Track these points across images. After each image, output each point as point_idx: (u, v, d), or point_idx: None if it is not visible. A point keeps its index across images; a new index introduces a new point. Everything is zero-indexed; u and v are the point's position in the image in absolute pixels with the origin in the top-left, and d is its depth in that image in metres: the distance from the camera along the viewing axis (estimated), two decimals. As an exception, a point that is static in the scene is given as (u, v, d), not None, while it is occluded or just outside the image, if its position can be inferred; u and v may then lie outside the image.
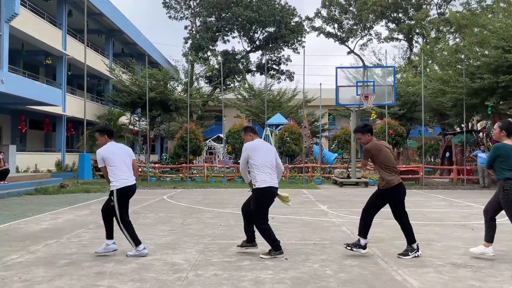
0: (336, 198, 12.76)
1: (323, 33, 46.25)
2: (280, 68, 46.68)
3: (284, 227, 7.63)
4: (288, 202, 6.05)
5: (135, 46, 34.39)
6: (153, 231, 7.20)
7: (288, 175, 19.21)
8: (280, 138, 20.58)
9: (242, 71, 41.87)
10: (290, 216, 9.01)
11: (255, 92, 34.38)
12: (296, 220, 8.49)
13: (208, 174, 19.19)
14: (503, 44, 15.71)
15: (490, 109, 16.49)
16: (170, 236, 6.79)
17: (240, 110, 33.89)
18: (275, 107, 33.91)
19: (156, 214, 9.27)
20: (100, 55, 29.58)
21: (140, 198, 12.70)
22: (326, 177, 20.04)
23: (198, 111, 26.52)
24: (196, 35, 42.93)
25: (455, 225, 7.89)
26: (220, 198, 12.74)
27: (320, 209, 10.23)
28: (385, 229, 7.30)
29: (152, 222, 8.14)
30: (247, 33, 45.11)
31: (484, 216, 5.35)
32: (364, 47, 46.76)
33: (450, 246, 6.07)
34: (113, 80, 28.14)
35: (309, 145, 22.76)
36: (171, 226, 7.65)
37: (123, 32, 30.75)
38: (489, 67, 16.18)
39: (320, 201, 11.81)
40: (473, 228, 7.50)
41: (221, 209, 9.98)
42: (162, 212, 9.56)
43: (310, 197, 12.96)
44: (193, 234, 6.91)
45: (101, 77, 29.57)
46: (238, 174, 19.39)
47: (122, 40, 32.82)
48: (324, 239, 6.59)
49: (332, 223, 8.04)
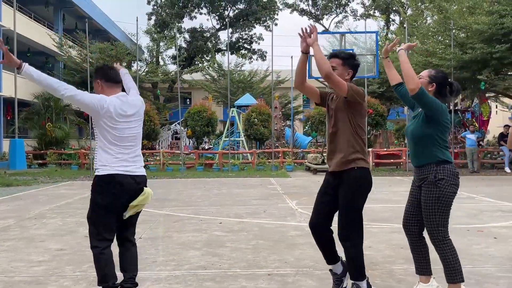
0: (309, 189, 10.56)
1: (296, 10, 43.79)
2: (252, 47, 44.12)
3: (232, 239, 5.33)
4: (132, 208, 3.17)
5: (91, 21, 30.94)
6: (30, 252, 4.76)
7: (255, 161, 16.95)
8: (247, 119, 18.21)
9: (211, 50, 39.13)
10: (245, 219, 6.71)
11: (224, 72, 31.86)
12: (252, 225, 6.20)
13: (165, 161, 16.71)
14: (498, 8, 13.69)
15: (483, 83, 14.55)
16: (47, 264, 4.36)
17: (208, 91, 31.42)
18: (246, 87, 31.58)
19: (62, 219, 6.81)
20: (48, 29, 26.33)
21: (69, 192, 10.21)
22: (298, 163, 17.88)
23: (157, 92, 23.82)
24: (160, 11, 39.72)
25: (469, 230, 5.76)
26: (167, 191, 10.34)
27: (287, 206, 7.99)
28: (374, 240, 5.11)
29: (44, 235, 5.69)
30: (216, 10, 42.19)
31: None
32: (340, 25, 44.52)
33: (481, 274, 3.89)
34: (62, 57, 25.02)
35: (280, 128, 20.49)
36: (64, 243, 5.21)
37: (74, 4, 27.47)
38: (482, 36, 14.18)
39: (289, 194, 9.57)
40: (496, 236, 5.38)
41: (156, 209, 7.59)
42: (76, 215, 7.09)
43: (278, 189, 10.72)
44: (86, 257, 4.51)
45: (50, 53, 26.38)
46: (199, 161, 17.00)
47: (75, 14, 29.46)
48: (286, 263, 4.32)
49: (301, 231, 5.79)
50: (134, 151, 3.17)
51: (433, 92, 3.18)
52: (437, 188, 3.06)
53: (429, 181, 3.08)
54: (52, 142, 18.17)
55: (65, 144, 18.73)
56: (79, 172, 15.76)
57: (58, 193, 10.15)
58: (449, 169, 3.11)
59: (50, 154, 17.37)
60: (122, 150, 3.10)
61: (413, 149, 3.24)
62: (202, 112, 17.79)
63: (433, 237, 3.08)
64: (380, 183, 11.35)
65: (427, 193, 3.09)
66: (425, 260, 3.26)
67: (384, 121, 18.89)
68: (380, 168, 16.45)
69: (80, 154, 17.41)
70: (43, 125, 18.19)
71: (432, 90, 3.17)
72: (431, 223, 3.08)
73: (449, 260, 3.03)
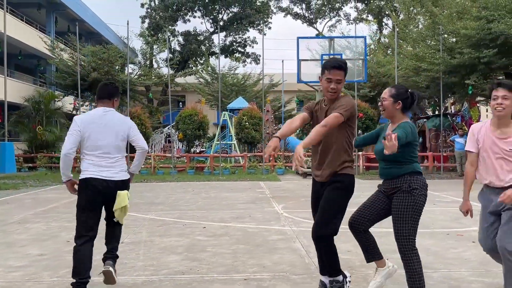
0: (297, 193, 10.61)
1: (290, 14, 43.93)
2: (245, 50, 44.19)
3: (213, 244, 5.35)
4: (120, 216, 3.63)
5: (83, 24, 31.03)
6: (9, 258, 4.76)
7: (246, 165, 16.98)
8: (238, 123, 18.24)
9: (205, 53, 39.13)
10: (230, 223, 6.73)
11: (218, 75, 31.87)
12: (235, 230, 6.22)
13: (155, 165, 16.69)
14: (486, 14, 13.83)
15: (471, 88, 14.67)
16: (25, 269, 4.36)
17: (202, 94, 31.42)
18: (239, 91, 31.62)
19: (46, 223, 6.80)
20: (40, 31, 26.27)
21: (56, 196, 10.17)
22: (290, 166, 17.91)
23: (149, 94, 23.79)
24: (153, 14, 39.69)
25: (448, 234, 5.81)
26: (156, 195, 10.35)
27: (273, 210, 8.02)
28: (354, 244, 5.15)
29: (25, 240, 5.68)
30: (210, 13, 42.24)
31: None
32: (333, 29, 44.72)
33: (454, 278, 3.94)
34: (53, 60, 24.94)
35: (272, 131, 20.52)
36: (45, 248, 5.21)
37: (66, 7, 27.44)
38: (470, 41, 14.31)
39: (277, 198, 9.61)
40: (474, 240, 5.43)
41: (143, 213, 7.60)
42: (60, 220, 7.09)
43: (266, 193, 10.75)
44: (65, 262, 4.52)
45: (42, 56, 26.31)
46: (190, 164, 17.01)
47: (67, 16, 29.42)
48: (264, 268, 4.34)
49: (283, 235, 5.82)
50: (111, 158, 3.56)
51: (400, 109, 3.21)
52: (412, 197, 3.10)
53: (404, 190, 3.12)
54: (42, 145, 18.11)
55: (55, 148, 18.67)
56: (69, 176, 15.69)
57: (45, 197, 10.12)
58: (422, 180, 3.17)
59: (41, 157, 17.31)
60: (96, 158, 3.53)
61: (385, 166, 3.24)
62: (194, 116, 17.81)
63: (403, 246, 3.10)
64: (369, 186, 11.39)
65: (401, 201, 3.12)
66: (375, 246, 3.33)
67: (375, 125, 19.00)
68: (371, 171, 16.53)
69: (70, 157, 17.34)
70: (33, 128, 18.13)
71: (399, 108, 3.21)
72: (403, 232, 3.10)
73: (415, 269, 3.07)
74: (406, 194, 3.11)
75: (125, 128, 3.62)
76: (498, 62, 14.04)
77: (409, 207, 3.09)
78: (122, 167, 3.60)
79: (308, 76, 13.08)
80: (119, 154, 3.60)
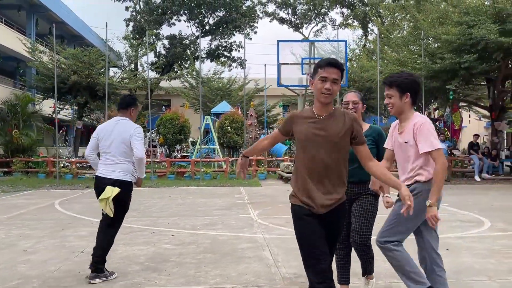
0: (276, 198, 10.40)
1: (276, 19, 44.00)
2: (231, 55, 44.06)
3: (179, 253, 5.10)
4: (104, 207, 4.18)
5: (66, 27, 30.55)
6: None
7: (228, 170, 16.72)
8: (220, 127, 17.99)
9: (190, 57, 38.85)
10: (200, 231, 6.49)
11: (203, 80, 31.64)
12: (205, 238, 5.97)
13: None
14: (467, 19, 13.87)
15: (452, 93, 14.68)
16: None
17: (187, 98, 31.15)
18: (224, 95, 31.43)
19: (8, 231, 6.46)
20: (20, 33, 25.72)
21: (26, 202, 9.80)
22: (272, 171, 17.73)
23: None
24: (138, 17, 39.33)
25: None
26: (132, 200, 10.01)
27: (248, 216, 7.79)
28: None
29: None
30: (196, 17, 42.03)
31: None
32: (319, 34, 44.89)
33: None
34: (32, 62, 24.43)
35: (256, 136, 20.33)
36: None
37: (47, 9, 26.95)
38: (451, 46, 14.33)
39: (254, 204, 9.38)
40: (448, 247, 5.29)
41: (112, 221, 7.29)
42: (23, 227, 6.76)
43: (245, 198, 10.52)
44: (17, 274, 4.22)
45: (21, 59, 25.74)
46: (171, 169, 16.69)
47: (48, 18, 28.88)
48: (227, 279, 4.11)
49: (253, 243, 5.60)
50: (112, 160, 4.23)
51: (364, 110, 3.56)
52: (376, 199, 3.45)
53: (370, 193, 3.41)
54: (18, 149, 17.60)
55: (32, 152, 18.17)
56: (46, 181, 15.22)
57: (14, 203, 9.73)
58: None
59: (16, 162, 16.80)
60: (105, 159, 4.28)
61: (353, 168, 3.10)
62: (174, 120, 17.51)
63: (365, 242, 3.38)
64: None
65: (367, 203, 3.40)
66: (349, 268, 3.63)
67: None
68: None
69: (48, 162, 16.88)
70: (9, 132, 17.62)
71: (363, 109, 3.53)
72: (367, 229, 3.38)
73: (370, 258, 3.50)
74: (372, 197, 3.42)
75: (128, 136, 4.19)
76: (479, 67, 14.06)
77: (374, 208, 3.44)
78: (122, 168, 4.19)
79: (288, 81, 12.93)
80: (124, 158, 4.20)
